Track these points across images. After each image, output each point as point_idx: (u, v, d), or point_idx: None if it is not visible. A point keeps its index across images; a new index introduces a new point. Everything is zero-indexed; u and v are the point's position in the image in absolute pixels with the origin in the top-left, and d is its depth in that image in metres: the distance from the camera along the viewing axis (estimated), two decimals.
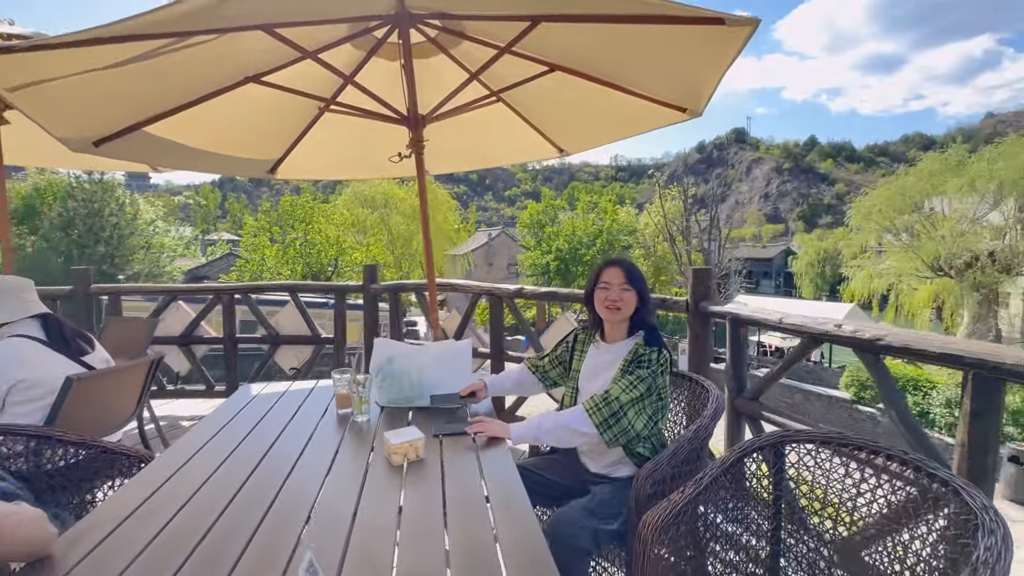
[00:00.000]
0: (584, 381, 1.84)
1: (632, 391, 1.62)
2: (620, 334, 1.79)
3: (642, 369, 1.65)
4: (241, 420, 1.95)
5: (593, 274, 1.82)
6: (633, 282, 1.72)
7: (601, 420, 1.61)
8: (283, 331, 4.40)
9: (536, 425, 1.68)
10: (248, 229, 20.79)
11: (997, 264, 20.40)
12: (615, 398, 1.61)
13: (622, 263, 1.77)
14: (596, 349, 1.85)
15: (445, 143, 3.44)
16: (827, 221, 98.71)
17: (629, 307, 1.73)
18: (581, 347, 1.90)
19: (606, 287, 1.74)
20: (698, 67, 1.96)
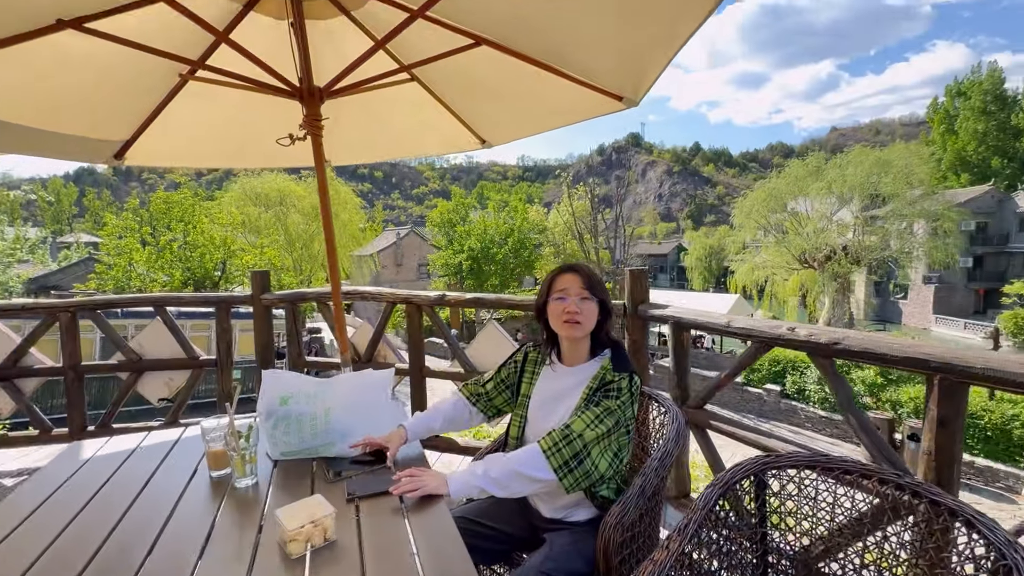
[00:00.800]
0: (536, 410, 1.53)
1: (598, 427, 1.33)
2: (581, 354, 1.50)
3: (610, 399, 1.37)
4: (71, 491, 1.39)
5: (545, 283, 1.53)
6: (594, 290, 1.44)
7: (561, 463, 1.31)
8: (149, 353, 3.60)
9: (482, 473, 1.33)
10: (111, 230, 17.83)
11: (849, 256, 23.66)
12: (578, 435, 1.32)
13: (579, 268, 1.49)
14: (552, 372, 1.55)
15: (347, 130, 2.95)
16: (711, 220, 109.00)
17: (590, 320, 1.44)
18: (532, 368, 1.60)
19: (562, 297, 1.44)
20: (646, 46, 1.74)
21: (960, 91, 47.38)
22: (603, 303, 1.45)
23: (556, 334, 1.50)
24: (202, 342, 11.63)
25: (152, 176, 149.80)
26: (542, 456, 1.31)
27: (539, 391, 1.55)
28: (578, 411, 1.38)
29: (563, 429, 1.34)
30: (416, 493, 1.28)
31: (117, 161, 2.49)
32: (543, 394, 1.53)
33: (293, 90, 1.91)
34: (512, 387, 1.62)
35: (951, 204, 24.02)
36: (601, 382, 1.41)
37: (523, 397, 1.57)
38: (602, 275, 22.55)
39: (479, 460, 1.40)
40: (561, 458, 1.31)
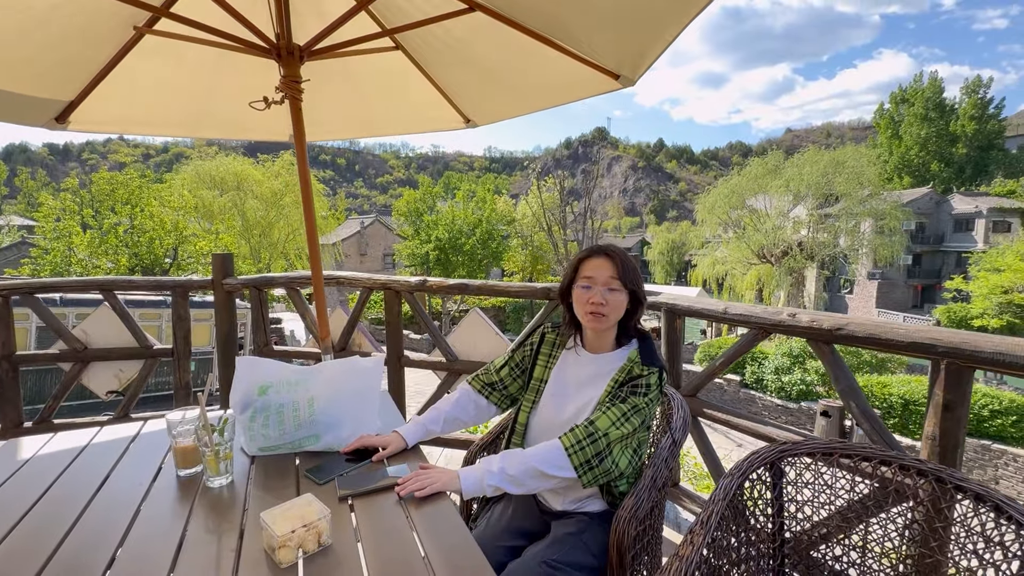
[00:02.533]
0: (551, 396, 1.42)
1: (623, 425, 1.25)
2: (606, 342, 1.40)
3: (637, 396, 1.28)
4: (8, 495, 1.20)
5: (571, 265, 1.40)
6: (626, 278, 1.32)
7: (583, 460, 1.22)
8: (95, 342, 3.28)
9: (497, 471, 1.22)
10: (48, 211, 16.49)
11: (804, 252, 24.73)
12: (603, 433, 1.23)
13: (611, 253, 1.34)
14: (574, 357, 1.44)
15: (322, 103, 2.75)
16: (674, 215, 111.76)
17: (617, 312, 1.33)
18: (550, 350, 1.48)
19: (588, 285, 1.33)
20: (653, 21, 1.65)
21: (904, 98, 50.14)
22: (634, 293, 1.34)
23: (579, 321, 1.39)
24: (150, 332, 10.93)
25: (93, 156, 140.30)
26: (563, 453, 1.22)
27: (557, 376, 1.44)
28: (603, 406, 1.29)
29: (587, 426, 1.25)
30: (425, 492, 1.16)
31: (59, 125, 2.21)
32: (561, 380, 1.43)
33: (270, 47, 1.72)
34: (526, 371, 1.50)
35: (897, 204, 25.44)
36: (628, 375, 1.32)
37: (536, 381, 1.46)
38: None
39: (492, 456, 1.29)
40: (584, 456, 1.22)
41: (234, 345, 3.40)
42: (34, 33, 1.72)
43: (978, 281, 22.86)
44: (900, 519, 1.21)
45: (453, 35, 2.22)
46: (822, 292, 31.93)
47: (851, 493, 1.25)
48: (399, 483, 1.20)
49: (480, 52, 2.29)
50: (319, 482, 1.25)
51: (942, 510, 1.11)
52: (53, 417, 3.25)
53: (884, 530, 1.22)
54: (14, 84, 1.93)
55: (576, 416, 1.36)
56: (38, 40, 1.76)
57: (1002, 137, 48.35)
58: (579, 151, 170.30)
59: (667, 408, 1.62)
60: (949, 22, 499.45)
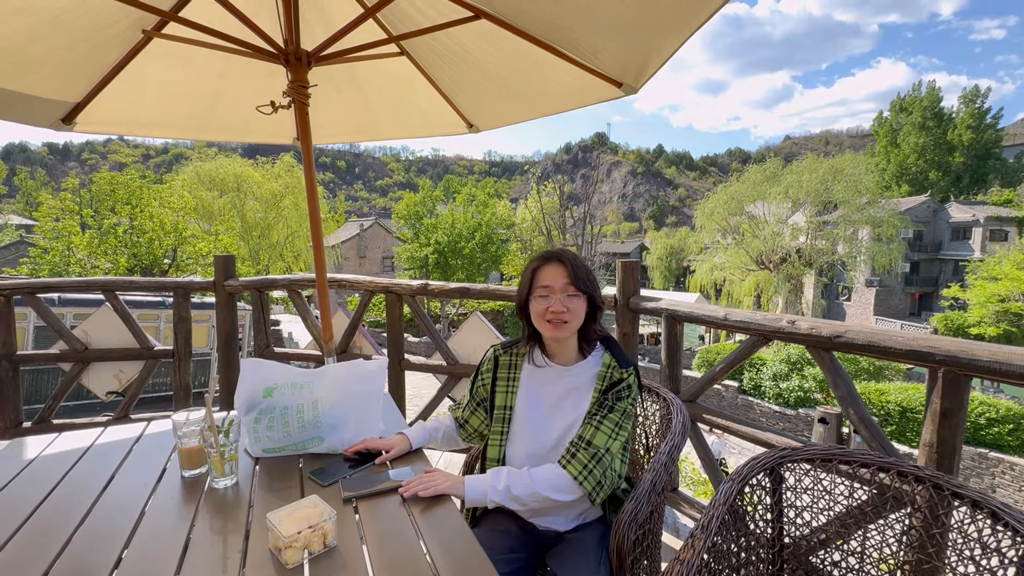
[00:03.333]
0: (528, 423, 1.33)
1: (620, 435, 1.27)
2: (570, 351, 1.35)
3: (623, 401, 1.28)
4: (12, 497, 1.21)
5: (526, 275, 1.33)
6: (581, 283, 1.27)
7: (595, 483, 1.22)
8: (96, 343, 3.29)
9: (503, 489, 1.21)
10: (47, 211, 16.47)
11: (802, 259, 24.80)
12: (605, 450, 1.23)
13: (564, 258, 1.30)
14: (542, 373, 1.36)
15: (327, 107, 2.77)
16: (672, 221, 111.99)
17: (578, 319, 1.28)
18: (507, 373, 1.39)
19: (546, 294, 1.28)
20: (657, 30, 1.68)
21: (903, 107, 50.48)
22: (591, 296, 1.30)
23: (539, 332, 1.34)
24: (148, 334, 10.89)
25: (93, 156, 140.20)
26: (572, 482, 1.22)
27: (528, 400, 1.35)
28: (592, 419, 1.27)
29: (586, 447, 1.23)
30: (428, 493, 1.17)
31: (65, 126, 2.22)
32: (534, 402, 1.35)
33: (279, 52, 1.74)
34: (484, 402, 1.43)
35: (894, 212, 25.56)
36: (609, 382, 1.30)
37: (501, 410, 1.37)
38: None
39: (500, 469, 1.28)
40: (594, 479, 1.22)
41: (235, 346, 3.41)
42: (44, 36, 1.74)
43: (975, 289, 22.96)
44: (898, 525, 1.22)
45: (458, 41, 2.24)
46: (820, 299, 32.00)
47: (849, 499, 1.27)
48: (403, 485, 1.21)
49: (484, 58, 2.31)
50: (323, 484, 1.26)
51: (939, 516, 1.12)
52: (52, 417, 3.25)
53: (882, 536, 1.23)
54: (22, 85, 1.95)
55: (563, 437, 1.31)
56: (48, 43, 1.78)
57: (999, 146, 48.67)
58: (579, 156, 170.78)
59: (666, 413, 1.63)
60: (947, 32, 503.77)
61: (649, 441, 1.77)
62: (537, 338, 1.38)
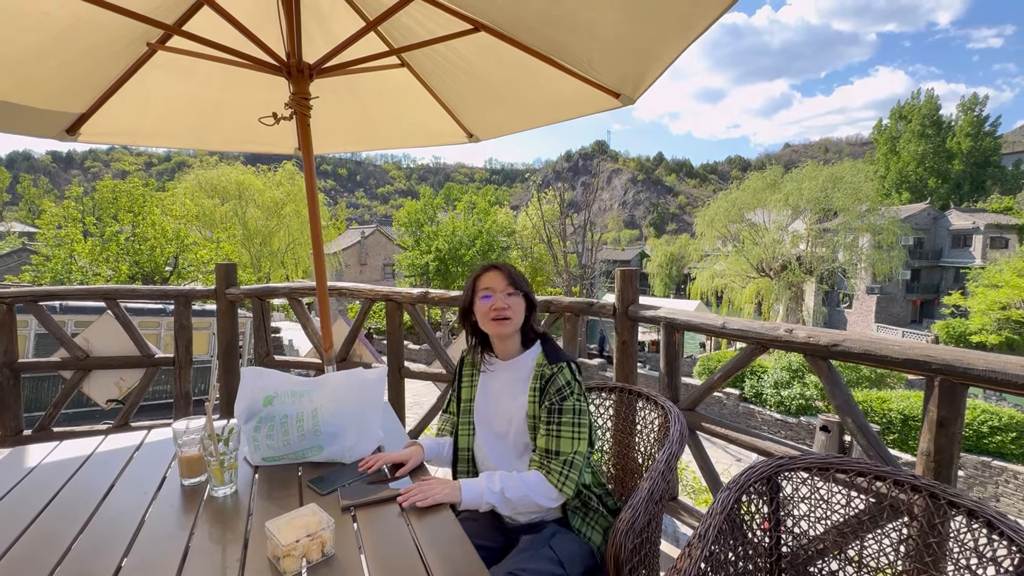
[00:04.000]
0: (483, 415, 1.49)
1: (581, 434, 1.33)
2: (513, 347, 1.47)
3: (568, 399, 1.34)
4: (14, 504, 1.21)
5: (468, 284, 1.50)
6: (518, 285, 1.44)
7: (572, 486, 1.32)
8: (97, 350, 3.30)
9: (498, 491, 1.29)
10: (50, 218, 16.55)
11: (803, 267, 24.81)
12: (574, 452, 1.32)
13: (500, 266, 1.48)
14: (491, 371, 1.50)
15: (328, 117, 2.80)
16: (673, 228, 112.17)
17: (519, 314, 1.43)
18: (470, 371, 1.56)
19: (487, 296, 1.42)
20: (654, 42, 1.70)
21: (902, 115, 50.72)
22: (528, 296, 1.45)
23: (485, 334, 1.48)
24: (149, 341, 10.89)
25: (96, 164, 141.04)
26: (554, 489, 1.31)
27: (481, 393, 1.51)
28: (549, 427, 1.34)
29: (555, 457, 1.32)
30: (427, 502, 1.20)
31: (70, 137, 2.25)
32: (485, 394, 1.50)
33: (281, 65, 1.77)
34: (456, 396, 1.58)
35: (895, 219, 25.58)
36: (543, 379, 1.38)
37: (466, 403, 1.53)
38: (569, 279, 22.73)
39: (493, 473, 1.34)
40: (572, 483, 1.32)
41: (235, 354, 3.42)
42: (52, 51, 1.77)
43: (976, 297, 22.93)
44: (895, 534, 1.22)
45: (458, 53, 2.28)
46: (821, 306, 31.96)
47: (847, 508, 1.27)
48: (401, 494, 1.22)
49: (483, 69, 2.34)
50: (322, 493, 1.26)
51: (936, 525, 1.13)
52: (52, 425, 3.25)
53: (879, 545, 1.23)
54: (29, 99, 1.98)
55: (508, 424, 1.42)
56: (55, 57, 1.81)
57: (998, 154, 48.82)
58: (579, 164, 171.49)
59: (664, 422, 1.64)
60: (944, 40, 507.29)
61: (647, 450, 1.77)
62: (483, 342, 1.52)
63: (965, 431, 10.36)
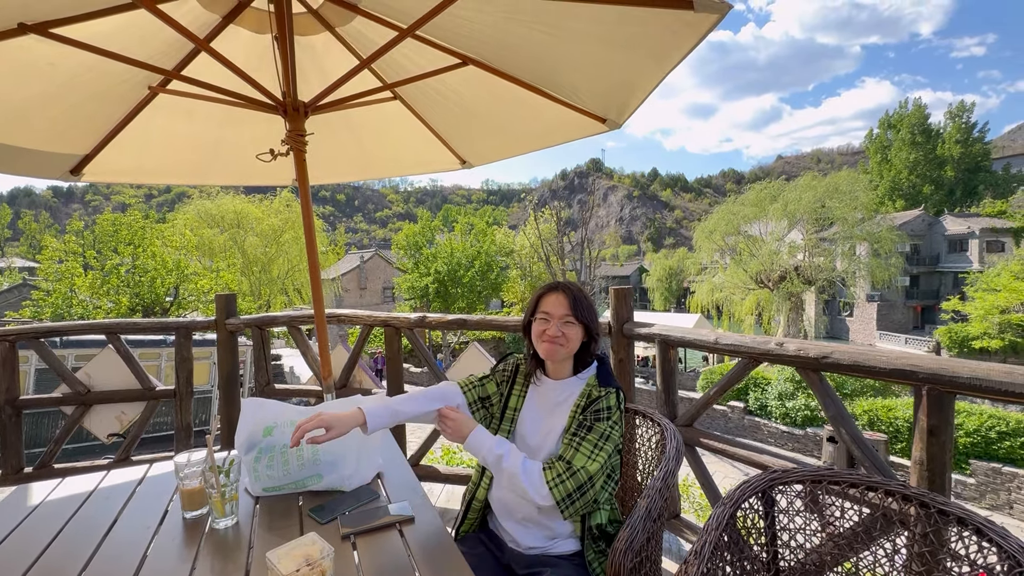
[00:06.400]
0: (524, 425, 1.48)
1: (598, 455, 1.31)
2: (564, 370, 1.47)
3: (601, 422, 1.34)
4: (19, 542, 1.22)
5: (532, 300, 1.49)
6: (580, 313, 1.39)
7: (564, 495, 1.28)
8: (98, 385, 3.32)
9: (496, 456, 1.31)
10: (50, 253, 16.67)
11: (801, 277, 24.89)
12: (581, 468, 1.29)
13: (567, 289, 1.44)
14: (538, 387, 1.51)
15: (325, 148, 2.88)
16: (670, 242, 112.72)
17: (573, 344, 1.41)
18: (522, 381, 1.55)
19: (545, 319, 1.41)
20: (637, 67, 1.78)
21: (891, 124, 51.49)
22: (588, 326, 1.41)
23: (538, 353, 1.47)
24: (149, 373, 10.85)
25: (97, 198, 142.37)
26: (546, 487, 1.28)
27: (528, 406, 1.51)
28: (573, 438, 1.33)
29: (565, 464, 1.30)
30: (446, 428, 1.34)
31: (74, 177, 2.32)
32: (531, 409, 1.50)
33: (277, 104, 1.84)
34: (503, 394, 1.54)
35: (891, 227, 25.76)
36: (588, 399, 1.38)
37: (511, 411, 1.52)
38: None
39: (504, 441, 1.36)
40: (564, 490, 1.28)
41: (236, 384, 3.44)
42: (58, 97, 1.84)
43: (975, 302, 22.94)
44: (889, 545, 1.23)
45: (447, 85, 2.36)
46: (822, 315, 31.96)
47: (841, 520, 1.28)
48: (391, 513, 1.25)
49: (473, 100, 2.42)
50: (321, 521, 1.28)
51: (928, 535, 1.14)
52: (53, 462, 3.25)
53: (875, 556, 1.24)
54: (34, 142, 2.05)
55: (542, 442, 1.42)
56: (61, 103, 1.88)
57: (989, 159, 49.43)
58: (575, 182, 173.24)
59: (660, 439, 1.66)
60: (928, 50, 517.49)
61: (645, 467, 1.79)
62: (537, 358, 1.50)
63: (974, 437, 10.27)
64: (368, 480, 1.48)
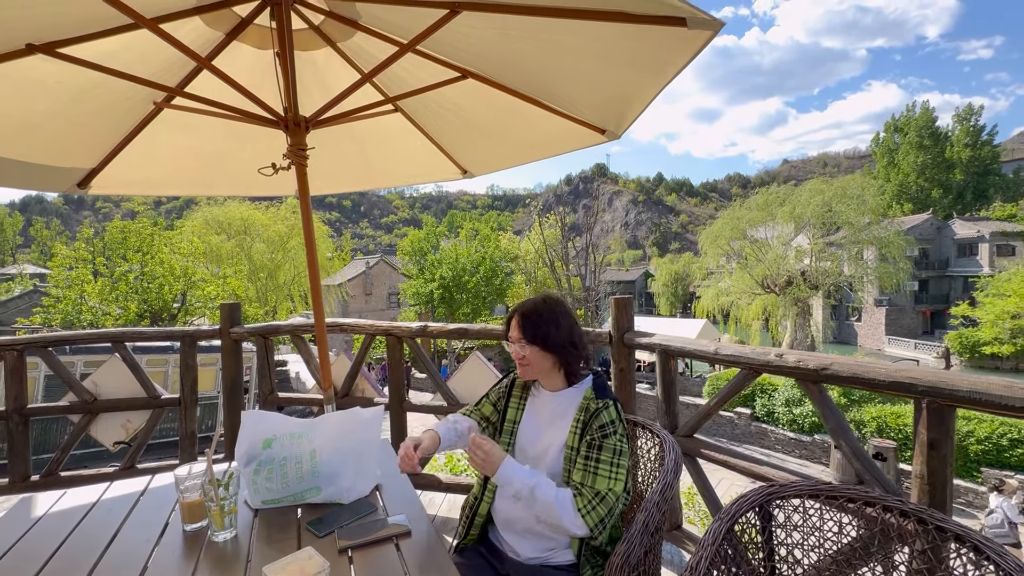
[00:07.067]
0: (524, 437, 1.51)
1: (618, 473, 1.33)
2: (556, 383, 1.50)
3: (609, 438, 1.35)
4: (21, 556, 1.24)
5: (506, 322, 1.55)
6: (530, 335, 1.43)
7: (598, 520, 1.30)
8: (105, 393, 3.35)
9: (533, 486, 1.29)
10: (60, 260, 16.88)
11: (808, 282, 24.72)
12: (608, 491, 1.32)
13: (519, 312, 1.48)
14: (536, 398, 1.54)
15: (327, 159, 2.91)
16: (676, 247, 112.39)
17: (538, 362, 1.44)
18: (519, 393, 1.59)
19: (512, 342, 1.48)
20: (633, 81, 1.79)
21: (898, 127, 51.21)
22: (544, 342, 1.42)
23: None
24: (157, 379, 10.95)
25: (107, 205, 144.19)
26: (578, 515, 1.29)
27: (527, 420, 1.53)
28: (587, 462, 1.34)
29: (592, 490, 1.31)
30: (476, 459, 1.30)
31: (81, 189, 2.36)
32: (530, 420, 1.52)
33: (278, 119, 1.87)
34: (500, 410, 1.59)
35: (898, 231, 25.52)
36: (587, 413, 1.39)
37: (509, 423, 1.54)
38: (573, 302, 22.72)
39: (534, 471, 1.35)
40: (597, 516, 1.30)
41: (239, 392, 3.46)
42: (65, 113, 1.88)
43: (985, 307, 22.67)
44: (888, 561, 1.22)
45: (447, 98, 2.38)
46: (830, 320, 31.68)
47: (839, 535, 1.28)
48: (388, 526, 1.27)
49: (473, 111, 2.45)
50: (319, 535, 1.29)
51: (926, 551, 1.13)
52: (60, 469, 3.28)
53: (873, 573, 1.23)
54: (42, 157, 2.09)
55: (544, 452, 1.44)
56: (68, 119, 1.92)
57: (998, 162, 48.99)
58: (580, 187, 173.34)
59: (659, 451, 1.65)
60: (935, 53, 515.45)
61: (644, 479, 1.78)
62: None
63: (985, 445, 10.13)
64: (366, 492, 1.49)
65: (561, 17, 1.45)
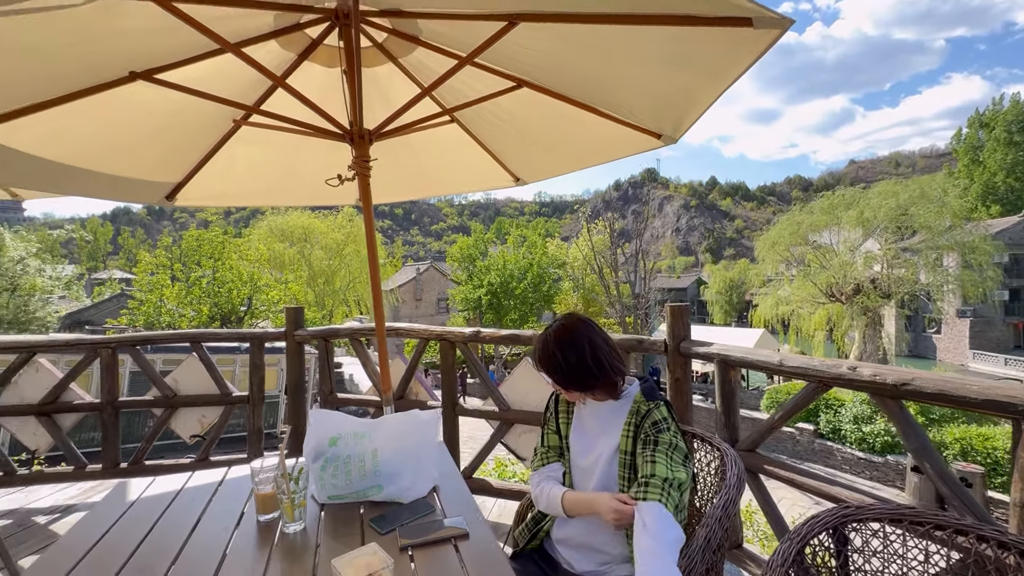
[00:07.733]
0: (575, 450, 1.50)
1: (676, 462, 1.31)
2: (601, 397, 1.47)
3: (663, 433, 1.33)
4: (114, 540, 1.36)
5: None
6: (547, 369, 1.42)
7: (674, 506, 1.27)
8: (183, 390, 3.62)
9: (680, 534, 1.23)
10: (144, 266, 18.47)
11: (879, 290, 23.03)
12: (673, 477, 1.28)
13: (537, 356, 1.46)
14: (582, 409, 1.52)
15: (386, 170, 3.02)
16: (731, 253, 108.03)
17: (577, 389, 1.42)
18: (566, 407, 1.57)
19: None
20: (693, 84, 1.75)
21: (983, 122, 46.99)
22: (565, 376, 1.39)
23: None
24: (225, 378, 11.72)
25: (183, 215, 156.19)
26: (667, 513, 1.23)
27: (576, 428, 1.52)
28: (644, 452, 1.32)
29: (655, 477, 1.27)
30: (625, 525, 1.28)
31: (168, 202, 2.58)
32: (581, 430, 1.51)
33: (344, 133, 1.97)
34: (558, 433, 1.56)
35: (985, 236, 23.28)
36: (639, 415, 1.37)
37: (564, 439, 1.54)
38: (623, 310, 22.26)
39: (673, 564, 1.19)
40: (673, 502, 1.26)
41: (303, 392, 3.64)
42: (160, 133, 2.07)
43: None
44: None
45: (502, 107, 2.42)
46: (904, 332, 29.35)
47: (925, 565, 1.18)
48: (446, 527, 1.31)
49: (526, 120, 2.47)
50: (382, 532, 1.33)
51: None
52: (144, 458, 3.57)
53: None
54: (137, 172, 2.30)
55: (596, 461, 1.42)
56: (161, 138, 2.11)
57: None
58: (629, 192, 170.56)
59: (719, 465, 1.59)
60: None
61: (704, 494, 1.72)
62: None
63: None
64: (424, 493, 1.52)
65: (622, 24, 1.44)
